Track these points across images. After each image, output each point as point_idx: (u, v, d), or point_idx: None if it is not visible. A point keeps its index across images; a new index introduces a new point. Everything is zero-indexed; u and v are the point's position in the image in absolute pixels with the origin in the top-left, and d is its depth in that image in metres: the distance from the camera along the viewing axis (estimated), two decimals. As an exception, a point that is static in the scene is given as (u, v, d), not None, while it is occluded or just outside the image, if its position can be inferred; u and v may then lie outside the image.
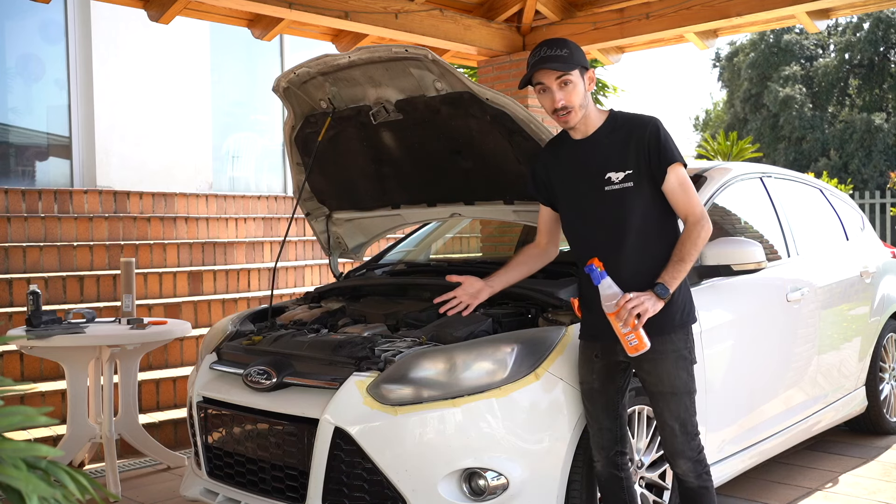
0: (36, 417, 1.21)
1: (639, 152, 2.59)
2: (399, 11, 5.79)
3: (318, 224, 4.11)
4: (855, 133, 24.14)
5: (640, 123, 2.64)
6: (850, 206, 5.12)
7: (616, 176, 2.60)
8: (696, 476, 2.67)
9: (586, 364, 2.75)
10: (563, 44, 2.65)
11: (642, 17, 6.09)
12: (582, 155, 2.69)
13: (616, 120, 2.68)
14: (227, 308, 6.24)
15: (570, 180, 2.73)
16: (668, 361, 2.61)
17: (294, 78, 3.38)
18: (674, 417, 2.64)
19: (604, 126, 2.68)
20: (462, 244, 9.04)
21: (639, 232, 2.61)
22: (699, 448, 2.69)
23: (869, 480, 4.06)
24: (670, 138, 2.62)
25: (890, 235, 13.32)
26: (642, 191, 2.60)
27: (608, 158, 2.63)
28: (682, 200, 2.61)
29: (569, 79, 2.60)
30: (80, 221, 6.76)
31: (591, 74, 2.67)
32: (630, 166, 2.59)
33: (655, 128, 2.61)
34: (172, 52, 8.47)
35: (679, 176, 2.60)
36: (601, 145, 2.66)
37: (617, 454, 2.75)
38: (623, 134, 2.64)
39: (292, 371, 2.97)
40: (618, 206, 2.61)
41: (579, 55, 2.64)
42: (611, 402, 2.72)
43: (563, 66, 2.59)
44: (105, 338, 4.03)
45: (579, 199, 2.71)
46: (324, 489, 2.74)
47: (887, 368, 4.92)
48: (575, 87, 2.61)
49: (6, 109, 7.82)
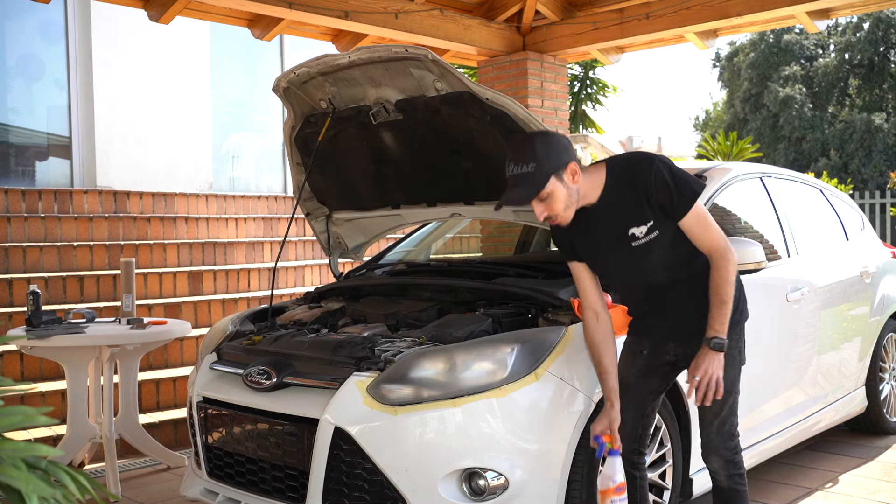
0: (36, 417, 1.21)
1: (652, 201, 2.53)
2: (399, 11, 5.79)
3: (318, 224, 4.11)
4: (855, 133, 24.12)
5: (641, 170, 2.53)
6: (850, 206, 5.12)
7: (639, 231, 2.56)
8: (728, 476, 2.69)
9: (628, 357, 2.80)
10: (529, 154, 2.48)
11: (642, 17, 6.09)
12: (599, 220, 2.62)
13: (616, 172, 2.58)
14: (227, 308, 6.24)
15: (595, 244, 2.68)
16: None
17: (294, 78, 3.38)
18: (714, 414, 2.67)
19: (607, 183, 2.58)
20: (462, 244, 9.04)
21: (673, 269, 2.62)
22: (735, 449, 2.70)
23: (869, 480, 4.06)
24: (680, 175, 2.52)
25: (890, 235, 13.32)
26: (667, 233, 2.57)
27: (626, 216, 2.57)
28: (701, 237, 2.55)
29: (543, 195, 2.49)
30: (80, 221, 6.76)
31: (572, 167, 2.49)
32: (650, 217, 2.54)
33: (660, 173, 2.50)
34: (172, 52, 8.47)
35: (696, 214, 2.52)
36: (613, 205, 2.58)
37: (634, 452, 2.78)
38: (629, 185, 2.55)
39: (292, 371, 2.97)
40: (649, 257, 2.60)
41: (551, 160, 2.46)
42: (641, 400, 2.77)
43: (532, 189, 2.47)
44: (105, 338, 4.03)
45: (609, 259, 2.70)
46: (324, 489, 2.74)
47: (887, 368, 4.92)
48: (553, 196, 2.50)
49: (6, 109, 7.82)
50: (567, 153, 2.52)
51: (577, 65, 12.59)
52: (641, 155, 2.60)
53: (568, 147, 2.55)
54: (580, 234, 2.67)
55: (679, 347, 2.70)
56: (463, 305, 3.38)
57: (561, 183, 2.50)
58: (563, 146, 2.53)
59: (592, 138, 11.30)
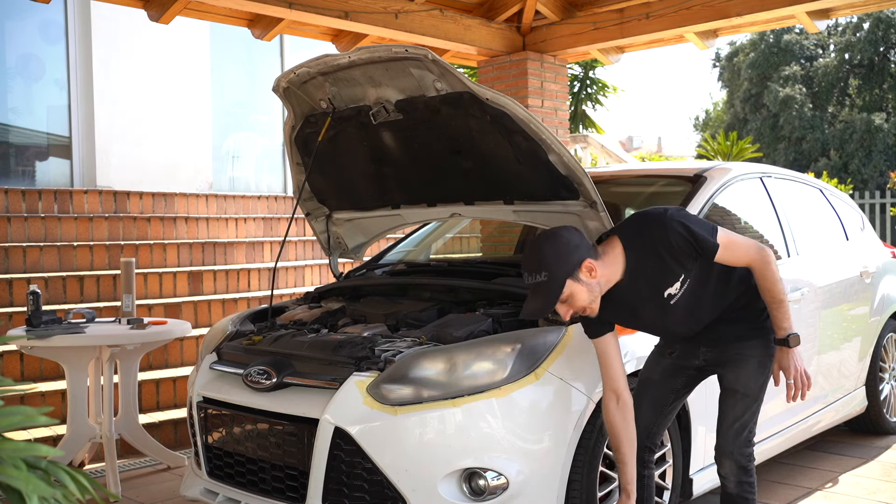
0: (36, 417, 1.21)
1: (680, 260, 2.54)
2: (399, 11, 5.79)
3: (318, 224, 4.11)
4: (855, 133, 24.12)
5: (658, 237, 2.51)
6: (850, 206, 5.12)
7: (674, 289, 2.58)
8: (737, 483, 2.70)
9: (656, 357, 2.84)
10: (539, 263, 2.45)
11: (642, 17, 6.09)
12: (630, 293, 2.61)
13: (633, 246, 2.55)
14: (227, 308, 6.24)
15: (628, 313, 2.69)
16: (750, 364, 2.68)
17: (294, 78, 3.38)
18: (735, 417, 2.69)
19: (628, 259, 2.56)
20: (462, 244, 9.04)
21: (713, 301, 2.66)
22: (749, 457, 2.71)
23: (869, 480, 4.06)
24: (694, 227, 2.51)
25: (890, 235, 13.32)
26: (699, 278, 2.60)
27: (658, 282, 2.57)
28: (735, 259, 2.59)
29: (562, 298, 2.47)
30: (80, 221, 6.76)
31: (587, 265, 2.47)
32: (680, 273, 2.56)
33: (677, 233, 2.49)
34: (172, 53, 8.47)
35: (723, 244, 2.53)
36: (642, 277, 2.57)
37: (645, 449, 2.80)
38: (649, 250, 2.53)
39: (292, 371, 2.97)
40: (688, 305, 2.63)
41: (562, 265, 2.43)
42: (661, 398, 2.80)
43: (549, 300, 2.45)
44: (105, 338, 4.03)
45: (645, 320, 2.73)
46: (324, 489, 2.74)
47: (887, 368, 4.92)
48: (574, 297, 2.48)
49: (6, 109, 7.82)
50: (578, 252, 2.46)
51: (577, 65, 12.59)
52: (650, 219, 2.55)
53: (579, 245, 2.48)
54: (612, 311, 2.64)
55: (710, 352, 2.75)
56: (463, 305, 3.38)
57: (578, 283, 2.47)
58: (573, 246, 2.47)
59: (592, 138, 11.30)
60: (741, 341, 2.69)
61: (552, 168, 3.12)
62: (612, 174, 4.49)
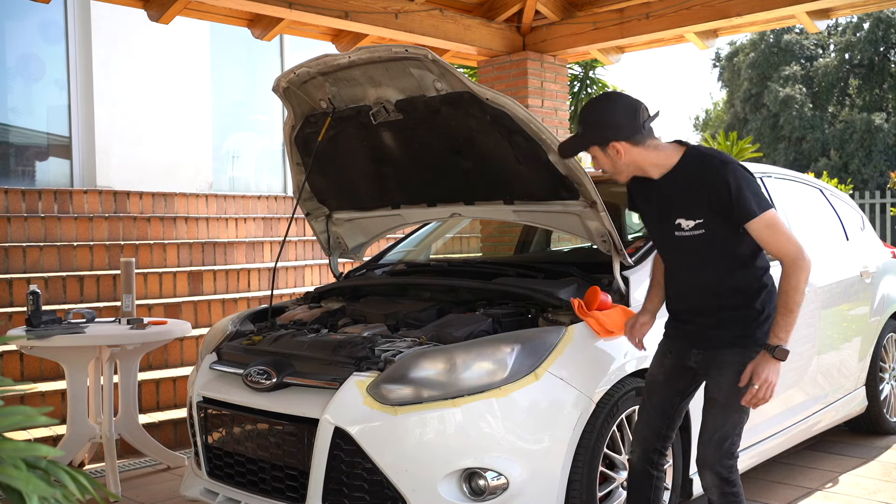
0: (36, 417, 1.21)
1: (710, 204, 2.48)
2: (399, 11, 5.79)
3: (318, 224, 4.11)
4: (855, 133, 24.13)
5: (711, 170, 2.49)
6: (850, 206, 5.12)
7: (686, 224, 2.55)
8: (720, 494, 2.62)
9: (660, 357, 2.80)
10: (583, 119, 2.60)
11: (642, 17, 6.09)
12: (658, 195, 2.63)
13: (688, 160, 2.56)
14: (227, 308, 6.24)
15: (652, 212, 2.71)
16: (730, 372, 2.57)
17: (294, 78, 3.38)
18: (715, 426, 2.61)
19: (675, 168, 2.57)
20: (462, 244, 9.04)
21: (716, 272, 2.58)
22: (730, 468, 2.62)
23: (869, 480, 4.06)
24: (745, 188, 2.46)
25: (890, 235, 13.32)
26: (715, 237, 2.53)
27: (678, 204, 2.56)
28: (770, 243, 2.48)
29: (590, 152, 2.62)
30: (80, 221, 6.76)
31: (614, 146, 2.54)
32: (700, 215, 2.52)
33: (726, 181, 2.45)
34: (172, 53, 8.47)
35: (766, 222, 2.46)
36: (673, 188, 2.57)
37: (654, 451, 2.77)
38: (695, 179, 2.52)
39: (292, 371, 2.97)
40: (690, 252, 2.59)
41: (592, 132, 2.57)
42: (667, 400, 2.76)
43: (572, 150, 2.65)
44: (105, 338, 4.03)
45: (658, 234, 2.73)
46: (324, 489, 2.74)
47: (887, 368, 4.92)
48: (597, 159, 2.63)
49: (6, 109, 7.82)
50: (616, 131, 2.53)
51: (577, 65, 12.58)
52: (719, 155, 2.54)
53: (622, 126, 2.53)
54: (643, 200, 2.73)
55: (699, 355, 2.66)
56: (463, 305, 3.38)
57: (604, 154, 2.60)
58: (615, 123, 2.54)
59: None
60: (727, 347, 2.59)
61: (552, 168, 3.13)
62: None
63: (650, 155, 2.58)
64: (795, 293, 2.46)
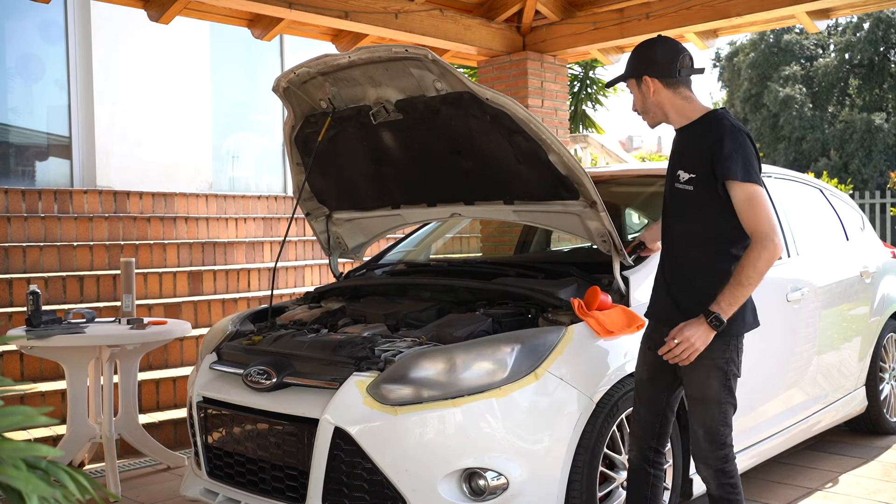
0: (36, 417, 1.21)
1: (703, 159, 2.56)
2: (399, 11, 5.79)
3: (318, 224, 4.11)
4: (855, 133, 24.13)
5: (719, 129, 2.56)
6: (850, 206, 5.12)
7: (683, 175, 2.63)
8: (718, 486, 2.64)
9: (642, 354, 2.81)
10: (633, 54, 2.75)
11: (642, 17, 6.09)
12: (675, 144, 2.77)
13: (705, 121, 2.65)
14: (227, 308, 6.24)
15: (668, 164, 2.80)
16: (701, 367, 2.59)
17: (294, 78, 3.38)
18: (699, 423, 2.64)
19: (693, 124, 2.68)
20: (462, 244, 9.04)
21: (696, 236, 2.59)
22: (725, 458, 2.63)
23: (869, 480, 4.06)
24: (739, 153, 2.49)
25: (890, 235, 13.32)
26: (702, 199, 2.57)
27: (684, 156, 2.67)
28: (746, 216, 2.50)
29: (629, 87, 2.75)
30: (80, 221, 6.76)
31: (647, 81, 2.68)
32: (694, 170, 2.59)
33: (721, 138, 2.52)
34: (172, 53, 8.47)
35: (747, 193, 2.49)
36: (685, 141, 2.69)
37: (651, 449, 2.78)
38: (703, 135, 2.61)
39: (292, 371, 2.97)
40: (679, 206, 2.66)
41: (631, 65, 2.72)
42: (655, 398, 2.76)
43: (616, 78, 2.79)
44: (105, 338, 4.03)
45: (666, 184, 2.78)
46: (324, 489, 2.74)
47: (887, 368, 4.92)
48: (634, 96, 2.74)
49: (6, 109, 7.82)
50: (649, 68, 2.66)
51: (577, 65, 12.58)
52: (736, 123, 2.61)
53: (657, 63, 2.66)
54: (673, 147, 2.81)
55: None
56: (463, 305, 3.38)
57: (637, 88, 2.72)
58: (651, 60, 2.67)
59: (592, 138, 11.30)
60: None
61: (552, 168, 3.13)
62: (612, 174, 4.49)
63: (678, 102, 2.68)
64: (753, 269, 2.46)
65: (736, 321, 2.57)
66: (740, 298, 2.48)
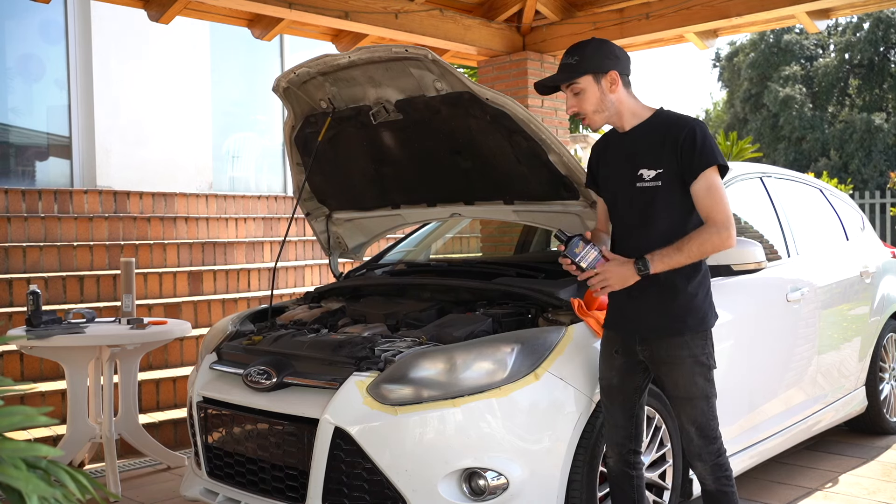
0: (36, 417, 1.21)
1: (672, 153, 2.55)
2: (399, 11, 5.79)
3: (318, 224, 4.11)
4: (855, 133, 24.12)
5: (678, 125, 2.58)
6: (850, 206, 5.12)
7: (648, 174, 2.59)
8: (714, 479, 2.65)
9: (607, 359, 2.75)
10: (579, 49, 2.62)
11: (642, 17, 6.09)
12: (623, 148, 2.68)
13: (659, 118, 2.65)
14: (227, 308, 6.24)
15: (612, 171, 2.72)
16: (684, 366, 2.60)
17: (294, 78, 3.38)
18: (691, 421, 2.64)
19: (646, 122, 2.64)
20: (462, 244, 9.04)
21: (665, 235, 2.57)
22: (718, 452, 2.65)
23: (869, 480, 4.06)
24: (709, 143, 2.53)
25: (890, 235, 13.32)
26: (672, 193, 2.56)
27: (643, 155, 2.61)
28: (706, 205, 2.53)
29: (576, 87, 2.60)
30: (80, 221, 6.76)
31: (612, 75, 2.60)
32: (661, 165, 2.57)
33: (692, 131, 2.54)
34: (172, 52, 8.46)
35: (709, 181, 2.52)
36: (639, 141, 2.63)
37: (630, 452, 2.76)
38: (661, 133, 2.60)
39: (292, 371, 2.97)
40: (647, 205, 2.60)
41: (592, 60, 2.59)
42: (628, 401, 2.73)
43: (567, 76, 2.60)
44: (105, 338, 4.03)
45: (616, 190, 2.70)
46: (324, 489, 2.74)
47: (887, 368, 4.92)
48: (585, 94, 2.60)
49: (6, 109, 7.82)
50: (615, 62, 2.60)
51: (577, 65, 12.56)
52: (689, 116, 2.63)
53: (620, 58, 2.62)
54: (606, 157, 2.74)
55: (645, 351, 2.66)
56: (463, 305, 3.38)
57: (597, 85, 2.59)
58: (615, 56, 2.61)
59: (592, 138, 11.29)
60: (668, 337, 2.59)
61: (552, 168, 3.13)
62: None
63: (631, 101, 2.65)
64: (699, 247, 2.50)
65: (709, 315, 2.64)
66: (672, 264, 2.51)
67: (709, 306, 2.65)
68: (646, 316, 2.61)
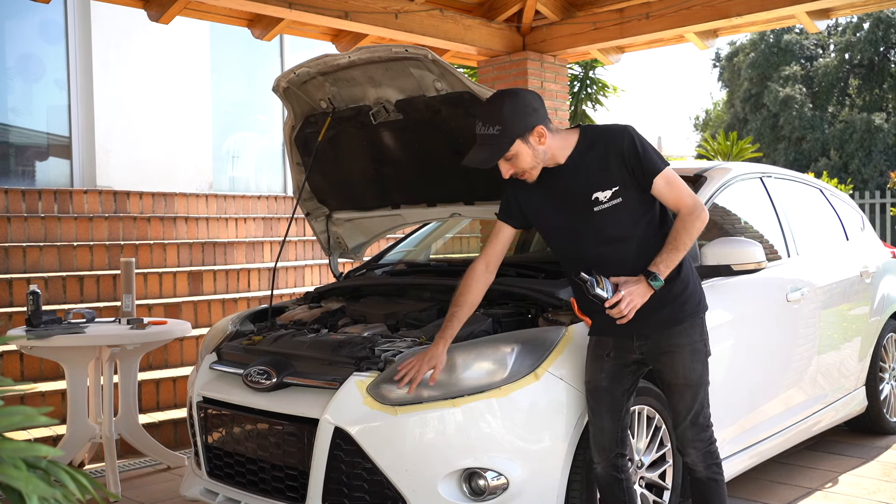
0: (36, 417, 1.21)
1: (621, 167, 2.55)
2: (399, 11, 5.79)
3: (318, 224, 4.11)
4: (855, 133, 24.12)
5: (614, 135, 2.57)
6: (850, 206, 5.12)
7: (604, 195, 2.57)
8: (706, 467, 2.70)
9: (596, 362, 2.74)
10: (495, 115, 2.52)
11: (642, 17, 6.09)
12: (563, 181, 2.63)
13: (588, 137, 2.62)
14: (227, 308, 6.24)
15: (553, 207, 2.68)
16: (684, 354, 2.64)
17: (294, 78, 3.38)
18: (686, 409, 2.68)
19: (577, 147, 2.61)
20: (462, 244, 9.04)
21: (637, 240, 2.60)
22: (710, 440, 2.71)
23: (869, 480, 4.06)
24: (648, 146, 2.57)
25: (890, 235, 13.32)
26: (632, 202, 2.58)
27: (591, 179, 2.58)
28: (671, 197, 2.59)
29: (508, 155, 2.54)
30: (80, 221, 6.76)
31: (538, 130, 2.52)
32: (616, 182, 2.56)
33: (631, 139, 2.55)
34: (172, 53, 8.46)
35: (665, 177, 2.56)
36: (581, 168, 2.59)
37: (617, 456, 2.74)
38: (601, 150, 2.58)
39: (292, 371, 2.97)
40: (612, 224, 2.59)
41: (514, 124, 2.50)
42: (616, 403, 2.72)
43: (497, 151, 2.52)
44: (105, 338, 4.03)
45: (568, 223, 2.66)
46: (324, 489, 2.74)
47: (887, 368, 4.92)
48: (518, 157, 2.55)
49: (6, 109, 7.82)
50: (535, 116, 2.54)
51: (577, 65, 12.58)
52: (614, 124, 2.64)
53: (537, 109, 2.56)
54: (537, 195, 2.69)
55: (644, 345, 2.67)
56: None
57: (526, 145, 2.54)
58: (532, 108, 2.55)
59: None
60: (669, 328, 2.62)
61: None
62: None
63: (558, 140, 2.61)
64: (686, 234, 2.55)
65: (701, 301, 2.70)
66: (675, 261, 2.55)
67: (700, 290, 2.73)
68: (646, 314, 2.60)
